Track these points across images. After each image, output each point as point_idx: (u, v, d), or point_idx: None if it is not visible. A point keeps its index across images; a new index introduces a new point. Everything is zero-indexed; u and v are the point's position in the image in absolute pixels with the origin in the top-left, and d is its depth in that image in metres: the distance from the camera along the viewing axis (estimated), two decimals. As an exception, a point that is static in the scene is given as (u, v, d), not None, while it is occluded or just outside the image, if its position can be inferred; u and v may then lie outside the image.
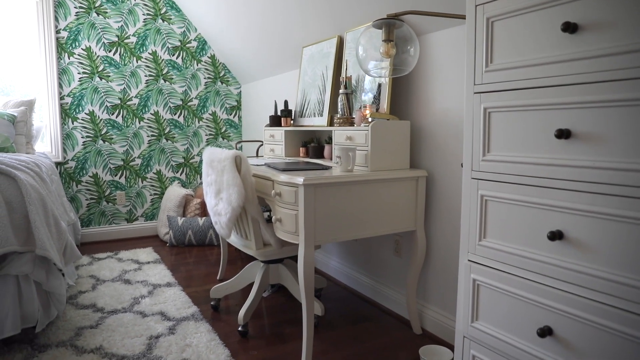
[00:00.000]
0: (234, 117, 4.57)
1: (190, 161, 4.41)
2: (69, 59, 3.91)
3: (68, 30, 3.88)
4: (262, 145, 3.30)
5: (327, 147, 2.64)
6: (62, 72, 3.90)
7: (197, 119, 4.40)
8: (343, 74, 2.55)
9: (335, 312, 2.55)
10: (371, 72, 1.93)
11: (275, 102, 3.09)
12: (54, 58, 3.84)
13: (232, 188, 2.09)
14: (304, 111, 3.01)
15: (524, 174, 1.24)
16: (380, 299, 2.65)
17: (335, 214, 1.97)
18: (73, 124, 3.96)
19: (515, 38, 1.24)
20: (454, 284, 2.18)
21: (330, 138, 2.74)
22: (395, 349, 2.15)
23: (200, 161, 4.46)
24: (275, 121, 3.05)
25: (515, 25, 1.24)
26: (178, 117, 4.33)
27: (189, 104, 4.36)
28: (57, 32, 3.86)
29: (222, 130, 4.53)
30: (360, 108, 2.32)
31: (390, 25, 1.83)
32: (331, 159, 2.61)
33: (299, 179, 1.87)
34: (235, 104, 4.57)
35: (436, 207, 2.27)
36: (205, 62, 4.41)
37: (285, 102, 3.04)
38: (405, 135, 2.23)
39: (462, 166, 1.85)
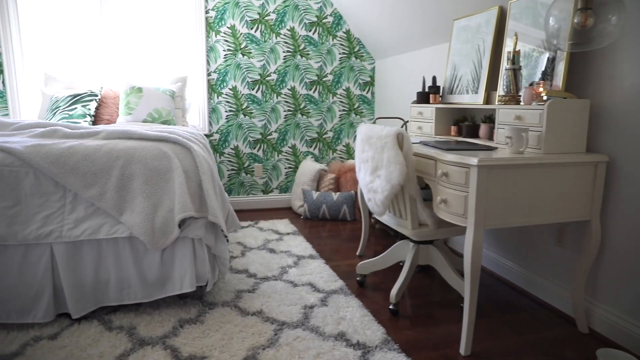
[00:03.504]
0: (367, 93, 4.54)
1: (324, 136, 4.48)
2: (216, 37, 4.13)
3: (215, 9, 4.09)
4: (406, 122, 3.23)
5: (483, 127, 2.49)
6: (210, 49, 4.14)
7: (331, 95, 4.44)
8: (509, 48, 2.37)
9: (485, 299, 2.44)
10: (561, 46, 1.75)
11: (424, 78, 2.99)
12: (203, 37, 4.09)
13: (392, 166, 2.06)
14: (454, 88, 2.87)
15: None
16: (535, 290, 2.48)
17: (506, 197, 1.85)
18: (218, 98, 4.20)
19: None
20: (634, 281, 1.95)
21: (487, 117, 2.57)
22: (560, 345, 2.00)
23: (334, 137, 4.51)
24: (422, 98, 2.95)
25: None
26: (313, 93, 4.40)
27: (323, 79, 4.41)
28: (207, 12, 4.09)
29: (355, 107, 4.53)
30: (532, 84, 2.13)
31: (589, -9, 1.63)
32: (489, 138, 2.46)
33: (473, 160, 1.78)
34: (369, 79, 4.53)
35: (616, 196, 2.03)
36: (340, 37, 4.40)
37: (434, 78, 2.92)
38: (584, 115, 2.01)
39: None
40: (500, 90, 2.39)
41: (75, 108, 3.42)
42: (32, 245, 2.08)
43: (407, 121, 3.28)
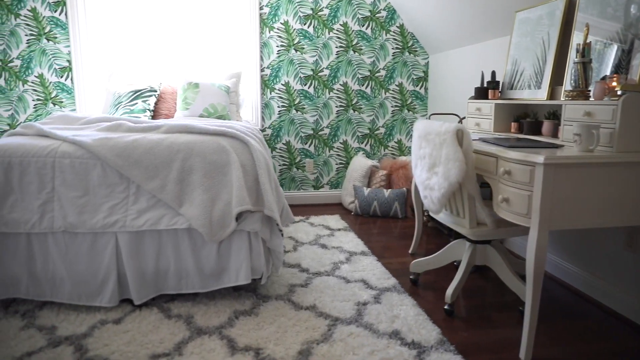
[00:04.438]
0: (420, 88, 4.45)
1: (375, 132, 4.44)
2: (269, 33, 4.18)
3: (269, 6, 4.14)
4: (462, 119, 3.14)
5: (546, 123, 2.38)
6: (263, 45, 4.19)
7: (383, 90, 4.40)
8: (579, 40, 2.25)
9: (546, 303, 2.34)
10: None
11: (482, 73, 2.89)
12: (257, 33, 4.15)
13: (451, 163, 2.01)
14: (515, 83, 2.76)
15: None
16: (600, 297, 2.35)
17: (573, 198, 1.76)
18: (271, 94, 4.25)
19: None
20: None
21: (551, 113, 2.46)
22: (631, 357, 1.88)
23: (386, 133, 4.46)
24: (481, 93, 2.85)
25: None
26: (365, 88, 4.37)
27: (376, 75, 4.36)
28: (261, 8, 4.14)
29: (408, 102, 4.45)
30: (605, 78, 2.01)
31: (674, -22, 1.51)
32: (553, 135, 2.35)
33: (539, 158, 1.70)
34: (422, 75, 4.44)
35: (697, 199, 1.88)
36: (393, 32, 4.34)
37: (493, 73, 2.82)
38: (662, 111, 1.88)
39: None
40: (567, 85, 2.27)
41: (136, 103, 3.56)
42: (99, 233, 2.19)
43: (464, 117, 3.19)
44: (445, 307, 2.21)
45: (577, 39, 2.30)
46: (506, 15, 2.99)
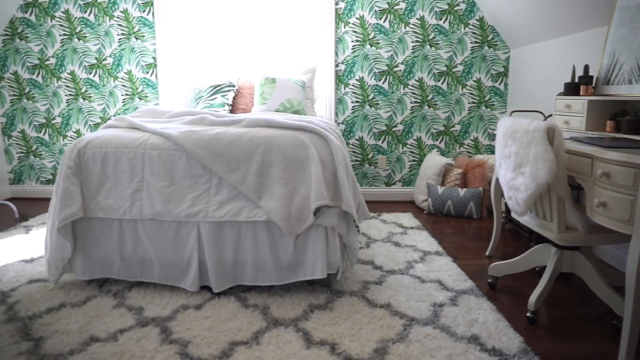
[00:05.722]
0: (499, 84, 4.26)
1: (451, 130, 4.31)
2: (345, 28, 4.17)
3: (345, 1, 4.12)
4: (549, 116, 2.96)
5: (649, 122, 2.19)
6: (338, 40, 4.19)
7: (460, 86, 4.25)
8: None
9: (641, 318, 2.16)
10: None
11: (574, 67, 2.70)
12: (332, 28, 4.15)
13: (540, 162, 1.90)
14: (612, 77, 2.55)
15: None
16: None
17: (684, 205, 1.60)
18: (344, 89, 4.25)
19: None
20: None
21: (655, 110, 2.25)
22: None
23: (462, 131, 4.31)
24: (571, 89, 2.67)
25: None
26: (441, 84, 4.24)
27: (453, 70, 4.22)
28: (336, 3, 4.13)
29: (486, 99, 4.27)
30: None
31: None
32: (657, 136, 2.16)
33: (646, 160, 1.56)
34: (502, 70, 4.24)
35: None
36: (472, 25, 4.17)
37: (586, 67, 2.63)
38: None
39: None
40: (677, 80, 2.07)
41: (215, 98, 3.68)
42: (182, 222, 2.29)
43: (550, 115, 3.01)
44: (528, 314, 2.10)
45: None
46: (602, 4, 2.77)
